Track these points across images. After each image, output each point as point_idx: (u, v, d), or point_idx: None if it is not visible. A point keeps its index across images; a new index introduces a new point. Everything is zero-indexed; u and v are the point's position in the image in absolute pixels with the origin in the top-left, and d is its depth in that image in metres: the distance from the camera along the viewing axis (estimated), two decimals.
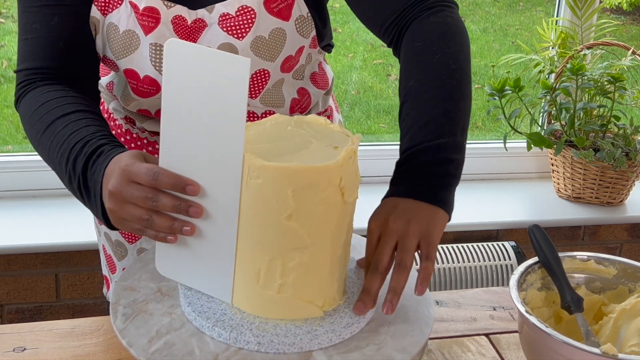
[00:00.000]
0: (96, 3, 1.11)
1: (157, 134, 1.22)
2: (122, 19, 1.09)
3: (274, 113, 1.20)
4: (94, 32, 1.12)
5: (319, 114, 1.31)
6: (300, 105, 1.24)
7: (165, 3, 1.09)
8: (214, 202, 0.85)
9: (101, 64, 1.17)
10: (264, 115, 1.21)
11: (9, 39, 3.16)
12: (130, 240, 1.32)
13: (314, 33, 1.15)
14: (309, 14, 1.12)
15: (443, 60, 1.01)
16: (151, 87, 1.14)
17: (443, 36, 1.04)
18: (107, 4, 1.10)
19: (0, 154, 2.13)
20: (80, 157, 0.97)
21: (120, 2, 1.10)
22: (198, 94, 0.83)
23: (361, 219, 1.16)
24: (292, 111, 1.23)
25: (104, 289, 1.45)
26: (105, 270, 1.43)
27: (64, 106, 1.04)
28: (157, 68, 1.11)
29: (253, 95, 1.16)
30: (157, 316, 0.89)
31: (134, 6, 1.09)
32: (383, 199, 0.97)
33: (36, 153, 1.16)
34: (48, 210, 2.00)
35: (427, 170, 0.95)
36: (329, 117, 1.35)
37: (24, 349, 1.01)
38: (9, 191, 2.05)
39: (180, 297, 0.92)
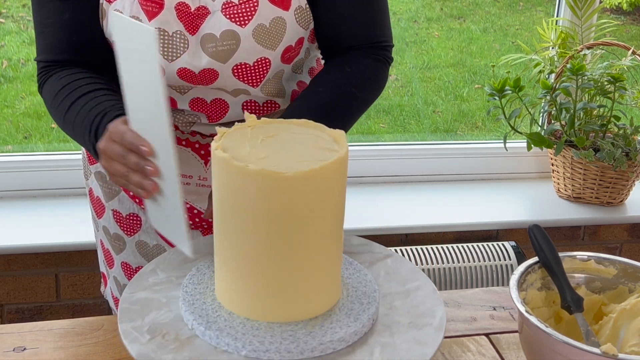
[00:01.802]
0: None
1: None
2: (125, 5, 1.12)
3: (275, 103, 1.22)
4: (102, 18, 1.14)
5: None
6: None
7: None
8: (160, 162, 0.93)
9: None
10: (265, 105, 1.22)
11: (9, 39, 3.16)
12: (128, 233, 1.32)
13: (312, 26, 1.18)
14: (307, 5, 1.15)
15: (356, 95, 1.18)
16: None
17: (369, 80, 1.20)
18: None
19: (0, 154, 2.13)
20: (100, 128, 1.06)
21: None
22: (135, 64, 0.91)
23: (361, 219, 1.16)
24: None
25: (102, 288, 1.45)
26: (102, 267, 1.43)
27: (83, 87, 1.13)
28: (161, 52, 1.13)
29: (255, 84, 1.17)
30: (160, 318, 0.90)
31: None
32: None
33: (36, 153, 1.19)
34: (48, 210, 2.00)
35: None
36: None
37: (24, 349, 1.01)
38: (9, 191, 2.05)
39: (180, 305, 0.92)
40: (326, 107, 1.15)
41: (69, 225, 1.92)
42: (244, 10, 1.11)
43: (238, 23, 1.11)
